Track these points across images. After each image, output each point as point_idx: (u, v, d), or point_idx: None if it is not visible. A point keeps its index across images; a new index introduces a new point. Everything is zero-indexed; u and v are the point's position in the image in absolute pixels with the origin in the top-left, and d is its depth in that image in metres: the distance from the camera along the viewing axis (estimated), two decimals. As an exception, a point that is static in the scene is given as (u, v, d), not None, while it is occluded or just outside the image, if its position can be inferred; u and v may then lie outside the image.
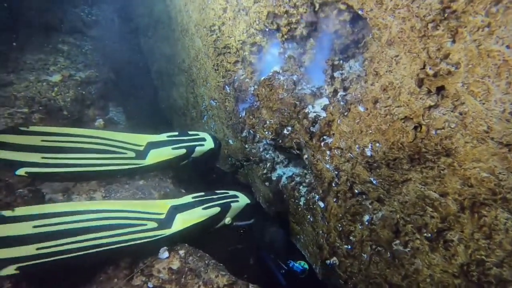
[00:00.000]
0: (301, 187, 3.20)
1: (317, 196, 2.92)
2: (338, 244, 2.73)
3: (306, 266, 2.88)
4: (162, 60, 4.74)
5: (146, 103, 4.71)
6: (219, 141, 3.04)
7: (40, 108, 2.82)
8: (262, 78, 3.05)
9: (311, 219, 3.03)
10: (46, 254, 1.66)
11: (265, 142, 3.39)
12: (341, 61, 2.61)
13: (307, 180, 3.18)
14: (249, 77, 3.27)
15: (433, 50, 1.64)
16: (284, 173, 3.43)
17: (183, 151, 2.71)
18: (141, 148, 2.63)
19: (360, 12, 2.11)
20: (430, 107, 1.73)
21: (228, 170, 4.13)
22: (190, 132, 2.97)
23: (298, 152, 3.05)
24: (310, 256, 3.13)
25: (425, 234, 2.02)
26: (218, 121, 3.92)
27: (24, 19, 3.44)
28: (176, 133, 2.90)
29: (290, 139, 2.98)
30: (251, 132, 3.43)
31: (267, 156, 3.53)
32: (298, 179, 3.28)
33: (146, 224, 2.06)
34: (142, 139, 2.72)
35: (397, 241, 2.28)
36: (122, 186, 2.40)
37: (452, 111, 1.61)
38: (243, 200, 2.63)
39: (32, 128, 2.33)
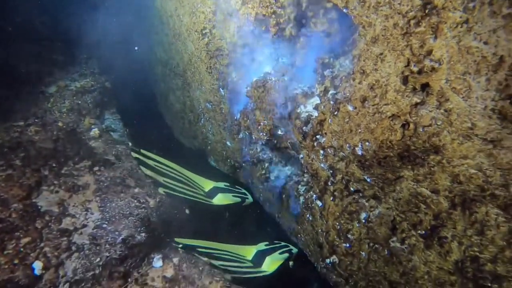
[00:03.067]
0: (299, 186, 3.20)
1: (315, 195, 2.91)
2: (337, 243, 2.73)
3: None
4: (158, 65, 4.75)
5: (144, 108, 4.72)
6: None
7: (36, 120, 2.85)
8: (254, 79, 3.04)
9: (311, 218, 3.03)
10: None
11: (261, 143, 3.38)
12: (331, 59, 2.59)
13: (305, 179, 3.18)
14: (242, 78, 3.26)
15: (416, 47, 1.62)
16: (282, 173, 3.43)
17: (239, 199, 3.49)
18: (206, 190, 3.39)
19: (344, 10, 2.09)
20: (416, 104, 1.71)
21: (228, 171, 4.14)
22: (236, 186, 3.73)
23: (293, 152, 3.05)
24: (311, 255, 3.13)
25: (419, 231, 2.01)
26: (215, 124, 3.93)
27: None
28: (229, 184, 3.67)
29: (285, 139, 2.97)
30: (247, 133, 3.43)
31: (265, 156, 3.53)
32: (296, 178, 3.27)
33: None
34: (208, 183, 3.52)
35: (394, 238, 2.27)
36: (118, 195, 2.42)
37: (437, 108, 1.59)
38: (295, 249, 3.30)
39: (142, 151, 3.01)
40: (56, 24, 3.67)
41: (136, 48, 3.98)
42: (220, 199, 3.32)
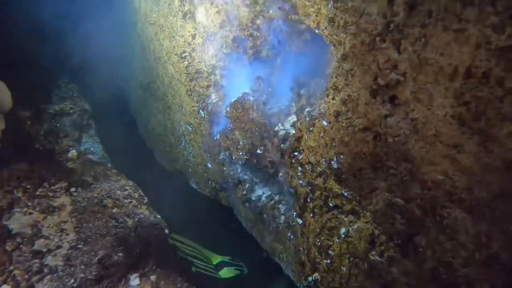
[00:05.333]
0: (280, 206, 3.21)
1: (295, 213, 2.92)
2: (318, 260, 2.72)
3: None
4: (139, 89, 4.79)
5: (125, 132, 4.71)
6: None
7: (10, 141, 2.81)
8: (233, 100, 3.11)
9: (292, 237, 3.02)
10: None
11: (241, 163, 3.41)
12: (306, 78, 2.69)
13: (285, 198, 3.20)
14: (221, 100, 3.32)
15: (382, 62, 1.72)
16: (263, 193, 3.44)
17: (239, 272, 4.23)
18: (215, 263, 4.07)
19: (317, 31, 2.20)
20: (386, 116, 1.79)
21: (209, 193, 4.12)
22: (237, 260, 4.40)
23: (273, 170, 3.08)
24: (294, 274, 3.10)
25: (396, 242, 2.04)
26: (196, 146, 3.94)
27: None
28: (231, 258, 4.33)
29: (264, 158, 3.01)
30: (227, 154, 3.45)
31: (245, 177, 3.54)
32: (277, 197, 3.29)
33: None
34: (216, 257, 4.18)
35: (373, 252, 2.29)
36: (95, 216, 2.38)
37: (405, 118, 1.67)
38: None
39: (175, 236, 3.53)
40: (35, 49, 3.70)
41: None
42: (225, 273, 4.15)
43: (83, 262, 2.04)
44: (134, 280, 1.83)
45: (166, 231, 2.68)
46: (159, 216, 2.76)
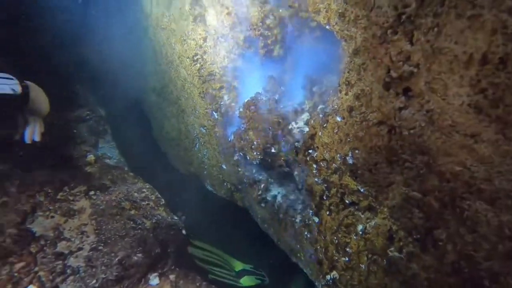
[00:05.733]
0: (296, 204, 3.21)
1: (311, 212, 2.92)
2: (336, 258, 2.71)
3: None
4: (152, 94, 4.86)
5: (140, 137, 4.79)
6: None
7: (32, 148, 2.88)
8: (246, 100, 3.12)
9: (309, 236, 3.01)
10: None
11: (256, 163, 3.42)
12: (318, 76, 2.69)
13: (301, 197, 3.19)
14: (234, 101, 3.35)
15: (394, 54, 1.70)
16: (278, 193, 3.44)
17: (260, 281, 4.23)
18: (236, 270, 4.12)
19: (327, 27, 2.20)
20: (400, 108, 1.77)
21: (225, 195, 4.14)
22: (259, 269, 4.44)
23: (288, 169, 3.08)
24: (312, 273, 3.09)
25: (415, 236, 2.01)
26: (210, 148, 3.97)
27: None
28: (253, 266, 4.38)
29: (279, 157, 3.01)
30: (242, 154, 3.47)
31: (260, 177, 3.55)
32: (292, 196, 3.28)
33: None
34: (238, 264, 4.23)
35: (392, 248, 2.26)
36: (113, 218, 2.42)
37: (419, 110, 1.65)
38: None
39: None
40: (57, 58, 3.79)
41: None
42: (246, 281, 4.18)
43: (104, 263, 2.09)
44: (154, 279, 1.86)
45: (184, 232, 2.71)
46: (176, 217, 2.79)
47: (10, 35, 3.20)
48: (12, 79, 2.00)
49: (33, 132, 2.16)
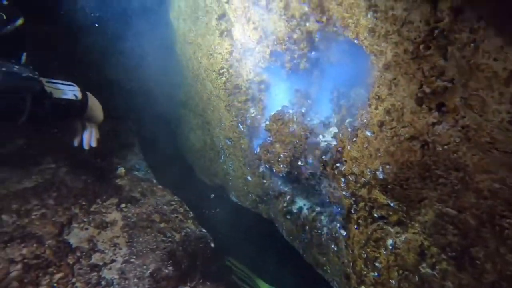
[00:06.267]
0: (322, 217, 3.19)
1: (338, 225, 2.89)
2: (365, 272, 2.66)
3: None
4: (178, 106, 4.96)
5: (166, 149, 4.88)
6: None
7: (67, 162, 3.00)
8: (272, 113, 3.15)
9: (336, 249, 2.99)
10: None
11: (282, 176, 3.42)
12: (346, 89, 2.68)
13: (327, 210, 3.17)
14: (260, 113, 3.37)
15: (427, 69, 1.69)
16: (304, 205, 3.43)
17: None
18: None
19: (355, 41, 2.20)
20: (433, 124, 1.75)
21: (250, 206, 4.16)
22: None
23: (314, 182, 3.07)
24: (338, 287, 3.05)
25: (450, 254, 1.97)
26: (235, 160, 4.01)
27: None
28: None
29: (305, 170, 3.00)
30: (267, 167, 3.48)
31: (286, 189, 3.55)
32: (318, 209, 3.27)
33: None
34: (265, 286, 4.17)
35: (424, 264, 2.21)
36: (144, 230, 2.48)
37: (454, 126, 1.63)
38: None
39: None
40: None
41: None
42: None
43: (136, 276, 2.13)
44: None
45: (212, 244, 2.74)
46: (204, 230, 2.82)
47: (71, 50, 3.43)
48: (73, 85, 2.13)
49: (90, 138, 2.27)
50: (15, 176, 2.77)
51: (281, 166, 3.13)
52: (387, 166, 2.08)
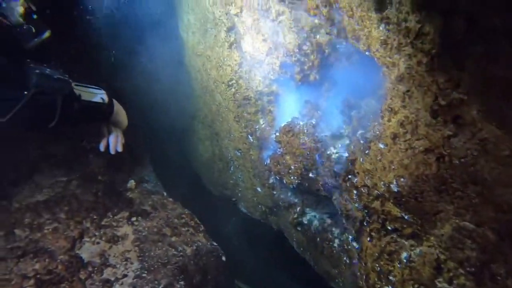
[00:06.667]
0: (333, 229, 3.16)
1: (351, 237, 2.85)
2: (378, 286, 2.61)
3: None
4: (186, 118, 4.98)
5: (175, 160, 4.89)
6: None
7: (77, 175, 3.01)
8: (282, 125, 3.14)
9: (348, 261, 2.94)
10: None
11: (292, 187, 3.40)
12: (356, 100, 2.67)
13: (339, 221, 3.14)
14: (270, 125, 3.37)
15: (442, 82, 1.67)
16: (315, 216, 3.40)
17: None
18: None
19: (367, 53, 2.19)
20: (449, 136, 1.72)
21: (259, 217, 4.13)
22: None
23: (326, 194, 3.04)
24: (351, 301, 3.00)
25: (468, 269, 1.92)
26: (245, 171, 3.99)
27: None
28: None
29: (317, 181, 2.98)
30: (277, 178, 3.46)
31: (296, 200, 3.53)
32: (329, 221, 3.24)
33: None
34: None
35: (440, 278, 2.16)
36: (155, 244, 2.46)
37: (471, 139, 1.60)
38: None
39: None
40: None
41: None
42: None
43: (148, 291, 2.12)
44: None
45: (223, 258, 2.72)
46: (215, 243, 2.80)
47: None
48: (100, 89, 2.16)
49: (116, 142, 2.27)
50: (27, 189, 2.78)
51: (292, 177, 3.11)
52: (402, 179, 2.05)
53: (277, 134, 3.16)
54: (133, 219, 2.70)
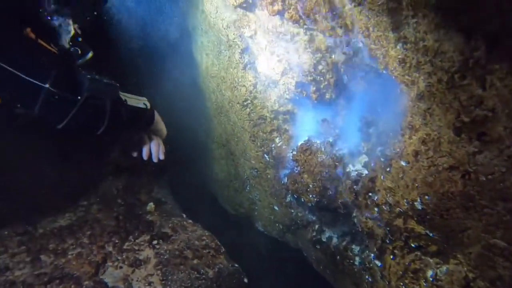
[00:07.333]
0: (353, 246, 3.12)
1: (372, 255, 2.81)
2: (404, 305, 2.56)
3: None
4: (200, 138, 5.02)
5: (190, 180, 4.91)
6: None
7: (98, 199, 3.05)
8: (299, 144, 3.15)
9: (370, 279, 2.90)
10: None
11: (311, 205, 3.38)
12: (374, 117, 2.67)
13: (359, 239, 3.10)
14: (286, 143, 3.38)
15: (464, 99, 1.67)
16: (334, 234, 3.37)
17: None
18: None
19: (384, 71, 2.21)
20: (474, 153, 1.71)
21: (277, 235, 4.11)
22: None
23: (345, 211, 3.02)
24: (376, 320, 2.93)
25: (500, 288, 1.88)
26: (261, 189, 3.99)
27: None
28: None
29: (336, 199, 2.96)
30: (295, 196, 3.45)
31: (314, 218, 3.51)
32: (349, 238, 3.20)
33: None
34: None
35: (471, 298, 2.12)
36: (177, 268, 2.46)
37: (498, 156, 1.59)
38: None
39: None
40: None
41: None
42: None
43: (173, 316, 2.10)
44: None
45: (245, 280, 2.69)
46: (236, 265, 2.78)
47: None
48: (142, 96, 2.22)
49: (158, 151, 2.28)
50: (50, 214, 2.82)
51: (310, 196, 3.10)
52: (426, 197, 2.03)
53: (294, 152, 3.17)
54: (154, 242, 2.70)
